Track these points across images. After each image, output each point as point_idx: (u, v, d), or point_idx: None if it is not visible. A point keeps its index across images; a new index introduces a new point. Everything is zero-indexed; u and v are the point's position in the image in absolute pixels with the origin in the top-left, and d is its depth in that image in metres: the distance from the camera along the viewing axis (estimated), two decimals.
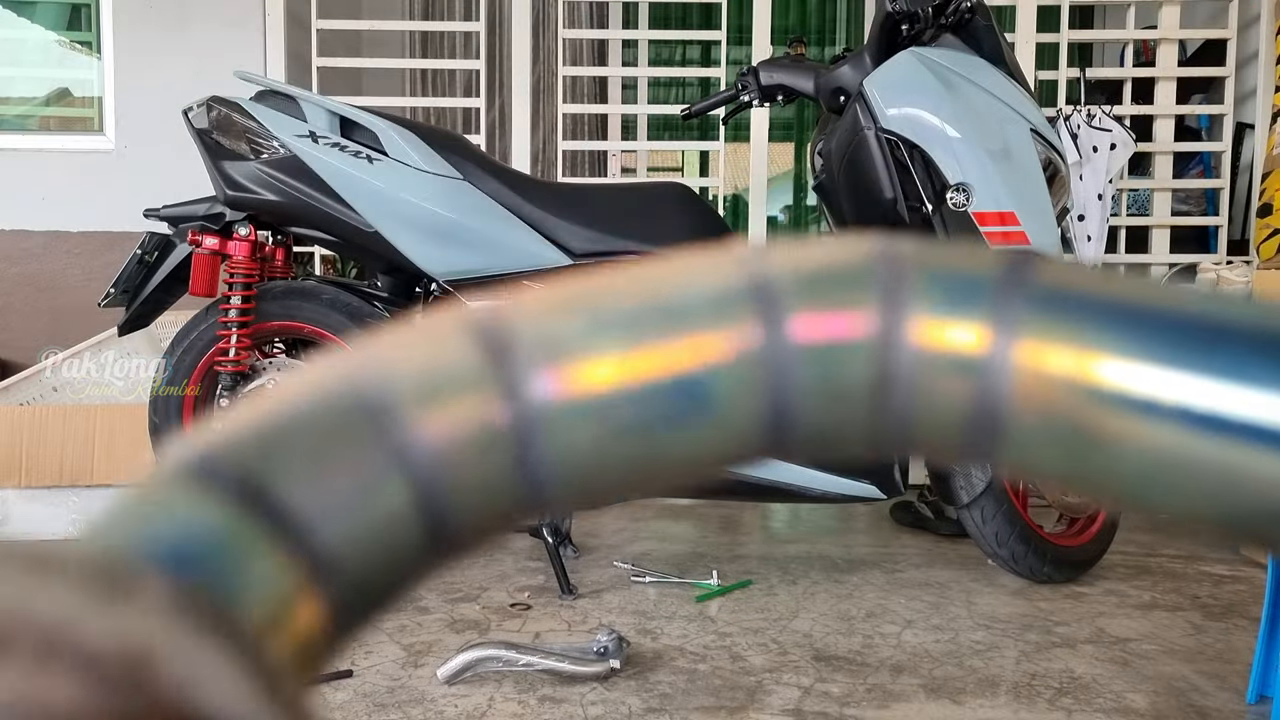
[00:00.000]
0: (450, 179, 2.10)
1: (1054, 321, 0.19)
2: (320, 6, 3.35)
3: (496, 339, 0.19)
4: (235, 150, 2.10)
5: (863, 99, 2.07)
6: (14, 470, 2.40)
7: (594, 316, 0.20)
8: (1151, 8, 3.52)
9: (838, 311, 0.20)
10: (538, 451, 0.19)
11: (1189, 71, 3.47)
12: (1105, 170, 3.21)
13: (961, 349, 0.20)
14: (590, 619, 1.89)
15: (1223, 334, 0.18)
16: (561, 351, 0.19)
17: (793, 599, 2.02)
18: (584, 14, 3.90)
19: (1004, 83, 2.07)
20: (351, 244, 2.17)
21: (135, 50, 3.34)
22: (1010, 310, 0.19)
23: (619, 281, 0.20)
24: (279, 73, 3.31)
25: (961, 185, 2.00)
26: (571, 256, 2.14)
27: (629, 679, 1.60)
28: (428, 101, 3.71)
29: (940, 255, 0.21)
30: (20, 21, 3.53)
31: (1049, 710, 1.50)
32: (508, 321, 0.20)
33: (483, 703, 1.51)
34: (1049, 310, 0.19)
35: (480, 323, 0.20)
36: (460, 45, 3.93)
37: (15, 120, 3.52)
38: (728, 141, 3.43)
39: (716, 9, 3.42)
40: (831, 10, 4.81)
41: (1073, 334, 0.19)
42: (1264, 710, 1.49)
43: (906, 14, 2.05)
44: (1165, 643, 1.78)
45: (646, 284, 0.20)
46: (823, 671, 1.64)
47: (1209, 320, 0.19)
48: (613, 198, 2.31)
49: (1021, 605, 1.99)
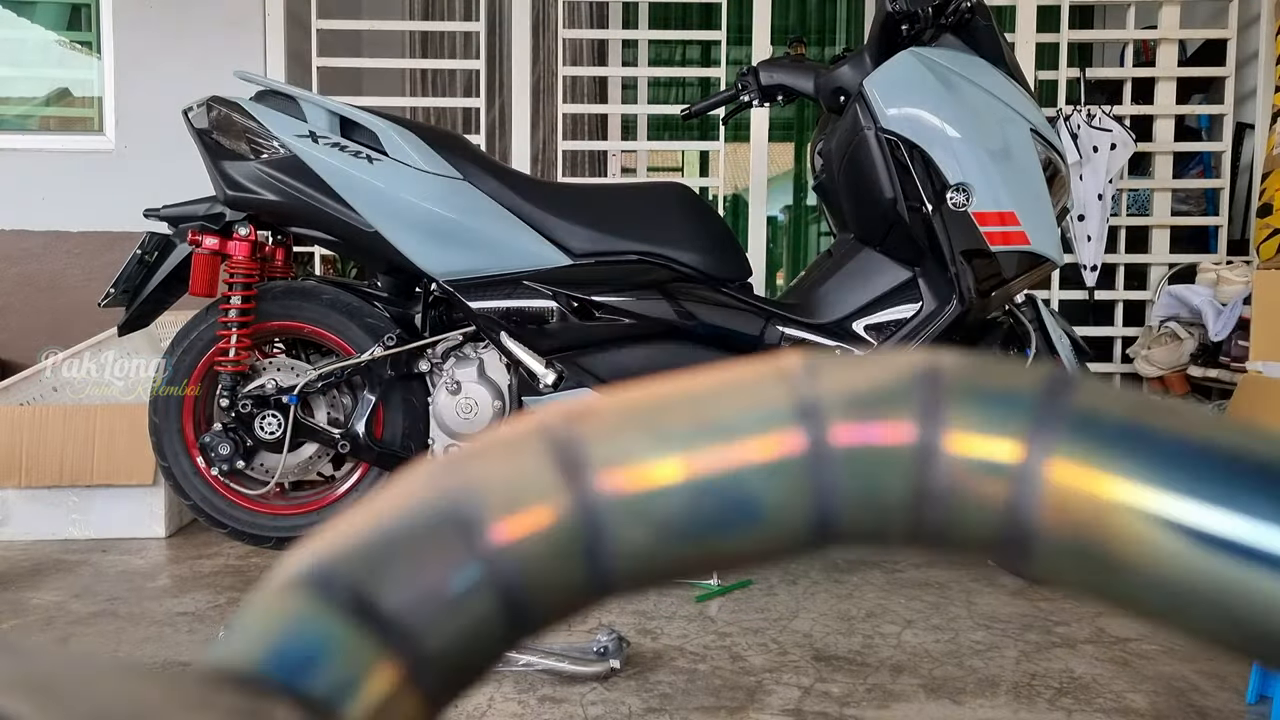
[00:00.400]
0: (450, 179, 2.10)
1: (1086, 445, 0.20)
2: (320, 6, 3.35)
3: (569, 453, 0.22)
4: (235, 150, 2.10)
5: (863, 99, 2.07)
6: (14, 470, 2.40)
7: (655, 431, 0.22)
8: (1151, 8, 3.52)
9: (879, 424, 0.21)
10: (604, 550, 0.22)
11: (1189, 71, 3.47)
12: (1105, 170, 3.21)
13: (996, 465, 0.21)
14: (590, 619, 1.89)
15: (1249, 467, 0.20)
16: (626, 463, 0.22)
17: (793, 599, 2.02)
18: (584, 14, 3.90)
19: (1004, 83, 2.07)
20: (351, 244, 2.17)
21: (135, 50, 3.34)
22: (1044, 432, 0.21)
23: (677, 395, 0.23)
24: (279, 73, 3.31)
25: (961, 185, 2.00)
26: (571, 256, 2.14)
27: (629, 679, 1.60)
28: (428, 101, 3.71)
29: (982, 373, 0.22)
30: (20, 21, 3.53)
31: (1049, 710, 1.50)
32: (578, 435, 0.22)
33: (483, 703, 1.51)
34: (1082, 434, 0.20)
35: (554, 437, 0.22)
36: (460, 45, 3.93)
37: (15, 120, 3.52)
38: (728, 141, 3.44)
39: (716, 9, 3.42)
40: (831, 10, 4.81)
41: (1103, 459, 0.20)
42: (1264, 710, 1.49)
43: (906, 14, 2.05)
44: (1165, 643, 1.78)
45: (701, 398, 0.22)
46: (823, 671, 1.64)
47: (1237, 452, 0.20)
48: (613, 198, 2.31)
49: (1021, 605, 1.99)
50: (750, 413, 0.22)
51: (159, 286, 2.16)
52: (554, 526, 0.21)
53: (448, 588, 0.21)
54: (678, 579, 0.23)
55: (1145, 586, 0.20)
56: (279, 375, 2.17)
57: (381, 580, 0.20)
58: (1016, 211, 2.01)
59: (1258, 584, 0.19)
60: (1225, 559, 0.19)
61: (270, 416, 2.15)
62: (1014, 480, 0.21)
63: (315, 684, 0.19)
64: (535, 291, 2.12)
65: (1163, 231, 3.49)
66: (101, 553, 2.35)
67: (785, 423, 0.21)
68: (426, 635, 0.20)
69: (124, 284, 2.14)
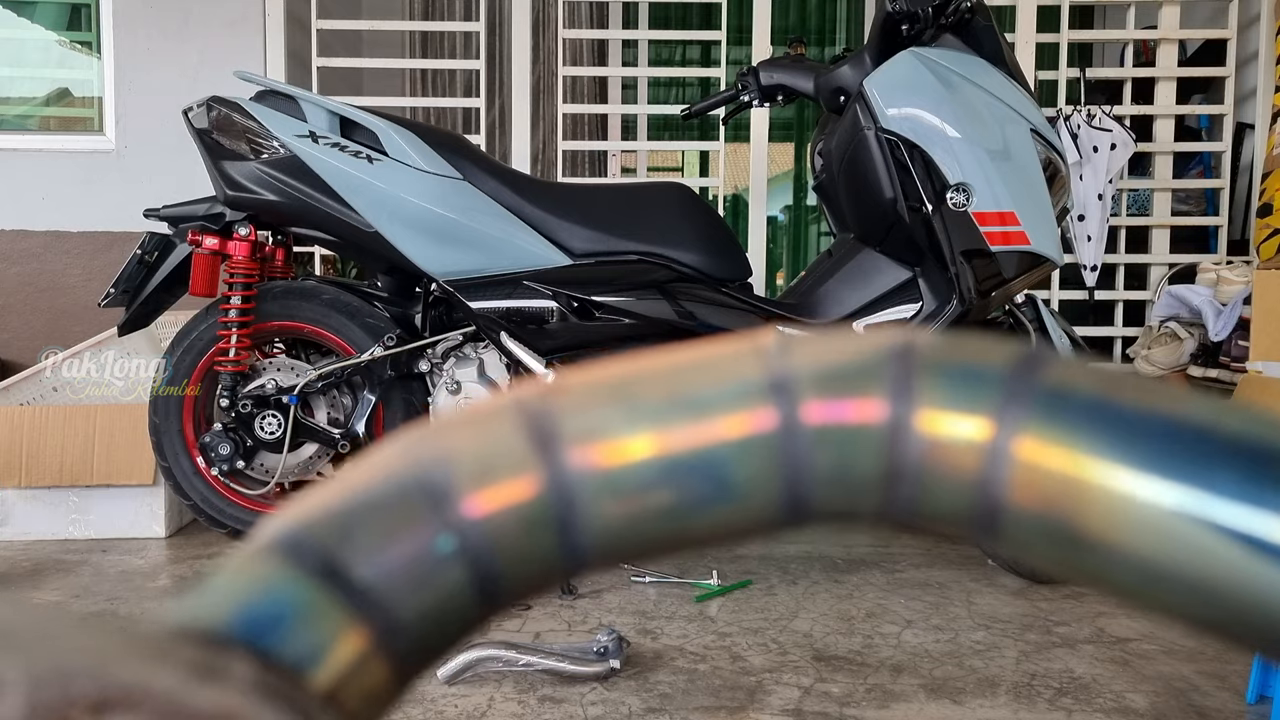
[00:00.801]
0: (450, 179, 2.10)
1: (1055, 422, 0.20)
2: (320, 6, 3.35)
3: (542, 426, 0.22)
4: (235, 150, 2.10)
5: (863, 99, 2.07)
6: (14, 470, 2.40)
7: (628, 405, 0.22)
8: (1151, 8, 3.52)
9: (850, 401, 0.22)
10: (576, 524, 0.22)
11: (1189, 71, 3.47)
12: (1105, 170, 3.21)
13: (966, 441, 0.21)
14: (590, 619, 1.89)
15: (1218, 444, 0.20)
16: (598, 437, 0.22)
17: (793, 599, 2.02)
18: (584, 14, 3.90)
19: (1004, 83, 2.07)
20: (351, 244, 2.17)
21: (135, 50, 3.34)
22: (1014, 408, 0.21)
23: (650, 370, 0.23)
24: (279, 73, 3.31)
25: (961, 185, 2.00)
26: (571, 256, 2.14)
27: (629, 679, 1.60)
28: (428, 101, 3.71)
29: (953, 350, 0.22)
30: (20, 21, 3.53)
31: (1049, 710, 1.50)
32: (552, 409, 0.22)
33: (483, 703, 1.51)
34: (1052, 410, 0.21)
35: (528, 410, 0.22)
36: (460, 45, 3.93)
37: (16, 120, 3.52)
38: (728, 141, 3.44)
39: (716, 9, 3.42)
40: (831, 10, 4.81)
41: (1073, 435, 0.20)
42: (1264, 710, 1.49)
43: (906, 14, 2.05)
44: (1165, 643, 1.78)
45: (675, 374, 0.22)
46: (823, 671, 1.64)
47: (1206, 429, 0.20)
48: (613, 198, 2.31)
49: (1021, 605, 1.99)
50: (724, 389, 0.22)
51: (159, 286, 2.16)
52: (526, 499, 0.21)
53: (418, 557, 0.21)
54: (650, 556, 0.23)
55: (1114, 563, 0.20)
56: (279, 375, 2.17)
57: (352, 547, 0.20)
58: (1016, 211, 2.01)
59: (1227, 559, 0.19)
60: (1194, 535, 0.19)
61: (270, 416, 2.15)
62: (984, 456, 0.21)
63: (281, 646, 0.19)
64: (535, 291, 2.12)
65: (1163, 231, 3.49)
66: (101, 553, 2.35)
67: (758, 399, 0.22)
68: (396, 603, 0.20)
69: (124, 284, 2.14)
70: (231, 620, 0.19)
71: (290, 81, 3.10)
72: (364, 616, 0.20)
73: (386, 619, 0.20)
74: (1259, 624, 0.19)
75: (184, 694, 0.16)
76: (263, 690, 0.17)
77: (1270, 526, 0.19)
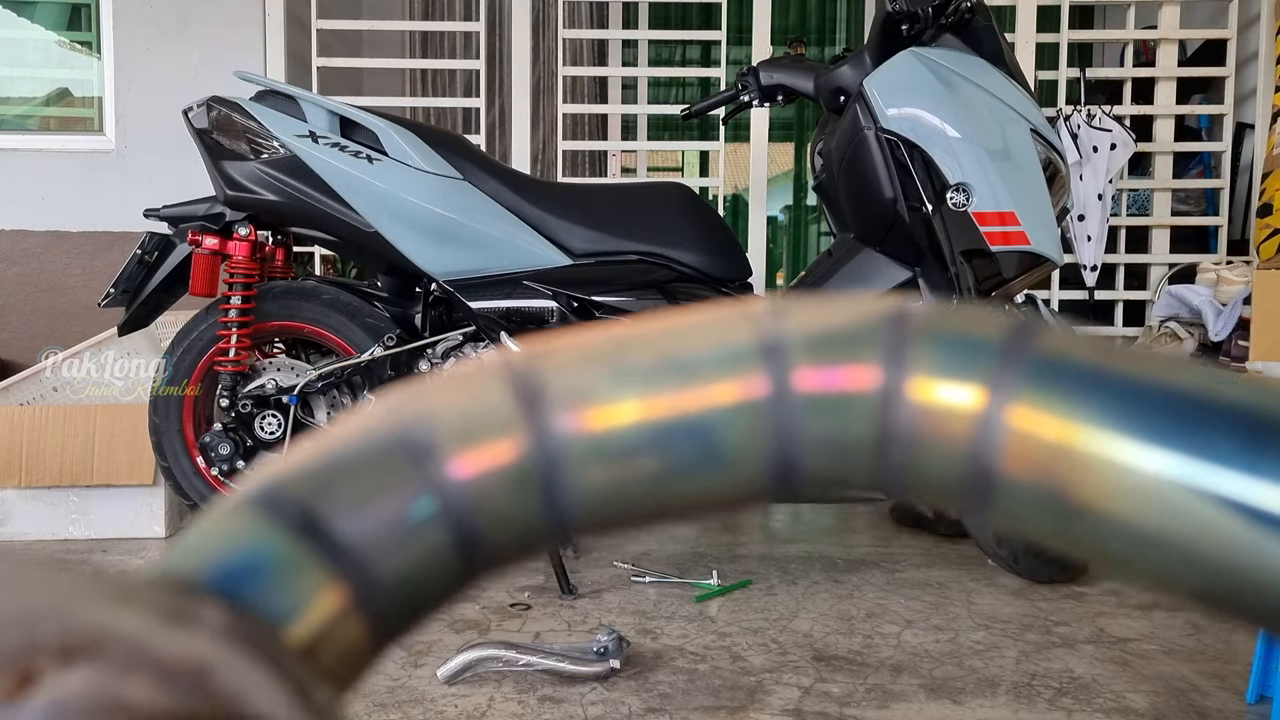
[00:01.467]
0: (450, 179, 2.10)
1: (1048, 390, 0.20)
2: (320, 6, 3.35)
3: (528, 387, 0.21)
4: (235, 150, 2.10)
5: (863, 99, 2.07)
6: (14, 470, 2.40)
7: (616, 368, 0.21)
8: (1151, 8, 3.52)
9: (843, 367, 0.21)
10: (562, 488, 0.21)
11: (1189, 71, 3.47)
12: (1105, 170, 3.21)
13: (959, 409, 0.21)
14: (590, 619, 1.89)
15: (1213, 412, 0.19)
16: (586, 400, 0.21)
17: (793, 599, 2.02)
18: (584, 14, 3.90)
19: (1004, 83, 2.07)
20: (351, 244, 2.17)
21: (135, 50, 3.34)
22: (1007, 377, 0.21)
23: (640, 334, 0.22)
24: (279, 73, 3.31)
25: (961, 185, 2.00)
26: (571, 256, 2.14)
27: (629, 679, 1.60)
28: (428, 101, 3.71)
29: (946, 319, 0.22)
30: (20, 21, 3.53)
31: (1049, 710, 1.50)
32: (539, 370, 0.21)
33: (483, 703, 1.51)
34: (1045, 379, 0.20)
35: (514, 371, 0.22)
36: (460, 45, 3.93)
37: (15, 120, 3.52)
38: (728, 141, 3.44)
39: (716, 9, 3.42)
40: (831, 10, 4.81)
41: (1066, 404, 0.20)
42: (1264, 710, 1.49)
43: (906, 14, 2.05)
44: (1165, 643, 1.78)
45: (665, 338, 0.22)
46: (823, 671, 1.64)
47: (1201, 397, 0.20)
48: (613, 198, 2.31)
49: (1021, 605, 1.99)
50: (715, 354, 0.21)
51: (159, 286, 2.16)
52: (511, 461, 0.21)
53: (400, 516, 0.20)
54: (636, 524, 0.23)
55: (1108, 532, 0.20)
56: (279, 375, 2.17)
57: (332, 503, 0.20)
58: (1016, 211, 2.01)
59: (1222, 528, 0.19)
60: (1189, 503, 0.19)
61: (270, 416, 2.15)
62: (977, 424, 0.21)
63: (256, 598, 0.19)
64: (535, 291, 2.12)
65: (1163, 231, 3.48)
66: (101, 553, 2.35)
67: (749, 365, 0.21)
68: (376, 562, 0.20)
69: (124, 284, 2.14)
70: (206, 570, 0.19)
71: (290, 81, 3.10)
72: (342, 573, 0.20)
73: (365, 577, 0.20)
74: (1253, 594, 0.19)
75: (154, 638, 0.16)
76: (236, 638, 0.17)
77: (1267, 495, 0.18)
